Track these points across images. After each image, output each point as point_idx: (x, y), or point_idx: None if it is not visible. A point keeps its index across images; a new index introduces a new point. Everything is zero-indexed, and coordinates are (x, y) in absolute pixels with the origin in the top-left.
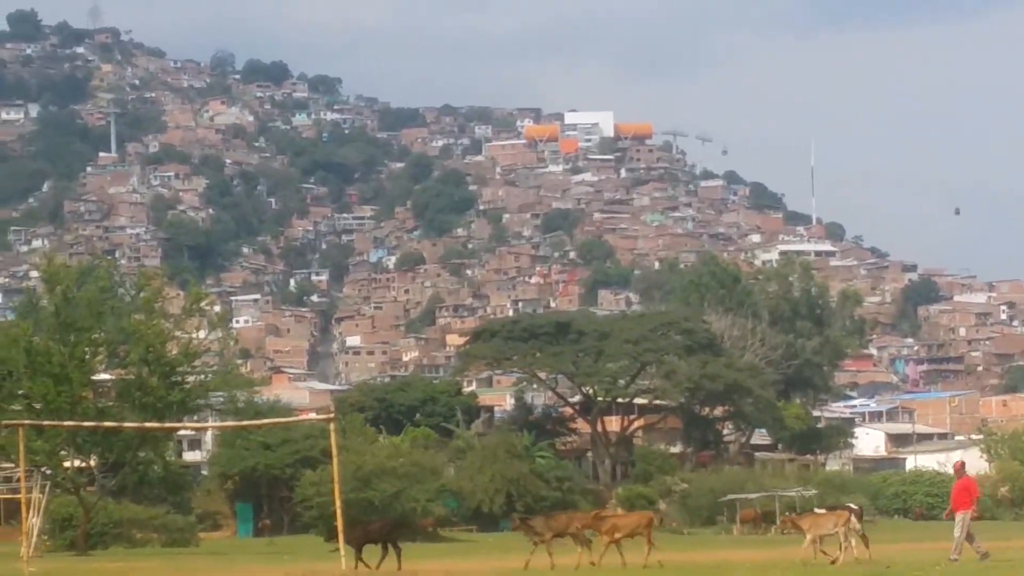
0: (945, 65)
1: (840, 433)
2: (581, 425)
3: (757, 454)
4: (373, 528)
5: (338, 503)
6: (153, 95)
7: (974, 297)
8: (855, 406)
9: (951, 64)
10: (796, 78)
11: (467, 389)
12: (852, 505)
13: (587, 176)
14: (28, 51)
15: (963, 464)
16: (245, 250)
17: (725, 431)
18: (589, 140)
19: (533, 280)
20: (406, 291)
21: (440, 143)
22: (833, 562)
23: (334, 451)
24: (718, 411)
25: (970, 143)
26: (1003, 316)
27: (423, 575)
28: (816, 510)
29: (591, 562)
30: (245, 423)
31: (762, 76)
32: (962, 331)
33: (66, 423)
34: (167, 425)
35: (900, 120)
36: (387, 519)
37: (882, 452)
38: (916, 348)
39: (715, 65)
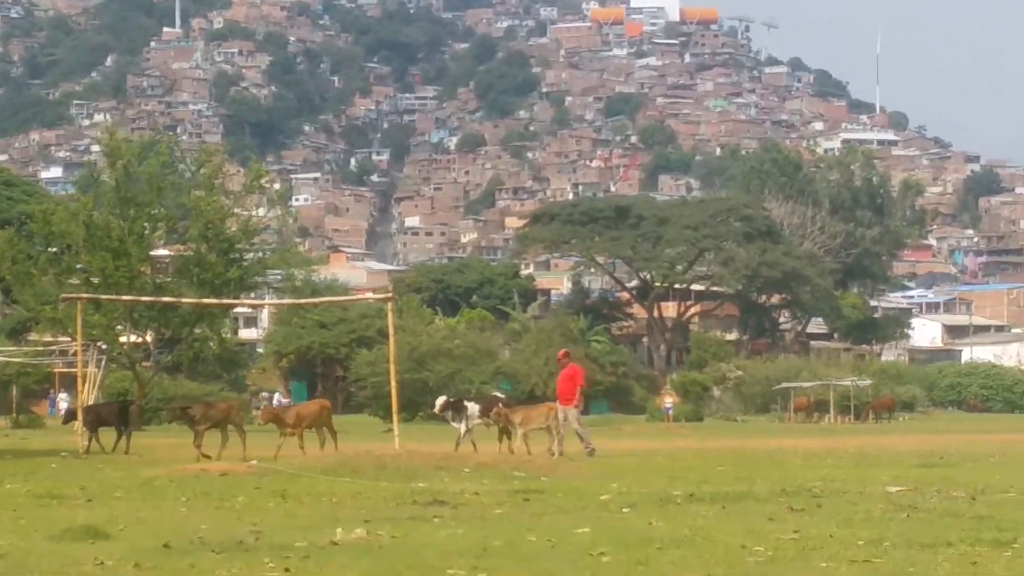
0: None
1: (897, 323)
2: (637, 310)
3: (813, 343)
4: (104, 411)
5: (393, 383)
6: None
7: None
8: (912, 297)
9: None
10: None
11: (524, 272)
12: (498, 395)
13: (651, 60)
14: None
15: (567, 352)
16: (306, 128)
17: (781, 319)
18: (654, 24)
19: (594, 164)
20: (466, 172)
21: (505, 24)
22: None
23: (391, 331)
24: (775, 299)
25: None
26: None
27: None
28: (465, 402)
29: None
30: (302, 301)
31: None
32: (1023, 223)
33: (124, 298)
34: (224, 301)
35: (968, 10)
36: (118, 401)
37: (938, 343)
38: (976, 240)
39: None
